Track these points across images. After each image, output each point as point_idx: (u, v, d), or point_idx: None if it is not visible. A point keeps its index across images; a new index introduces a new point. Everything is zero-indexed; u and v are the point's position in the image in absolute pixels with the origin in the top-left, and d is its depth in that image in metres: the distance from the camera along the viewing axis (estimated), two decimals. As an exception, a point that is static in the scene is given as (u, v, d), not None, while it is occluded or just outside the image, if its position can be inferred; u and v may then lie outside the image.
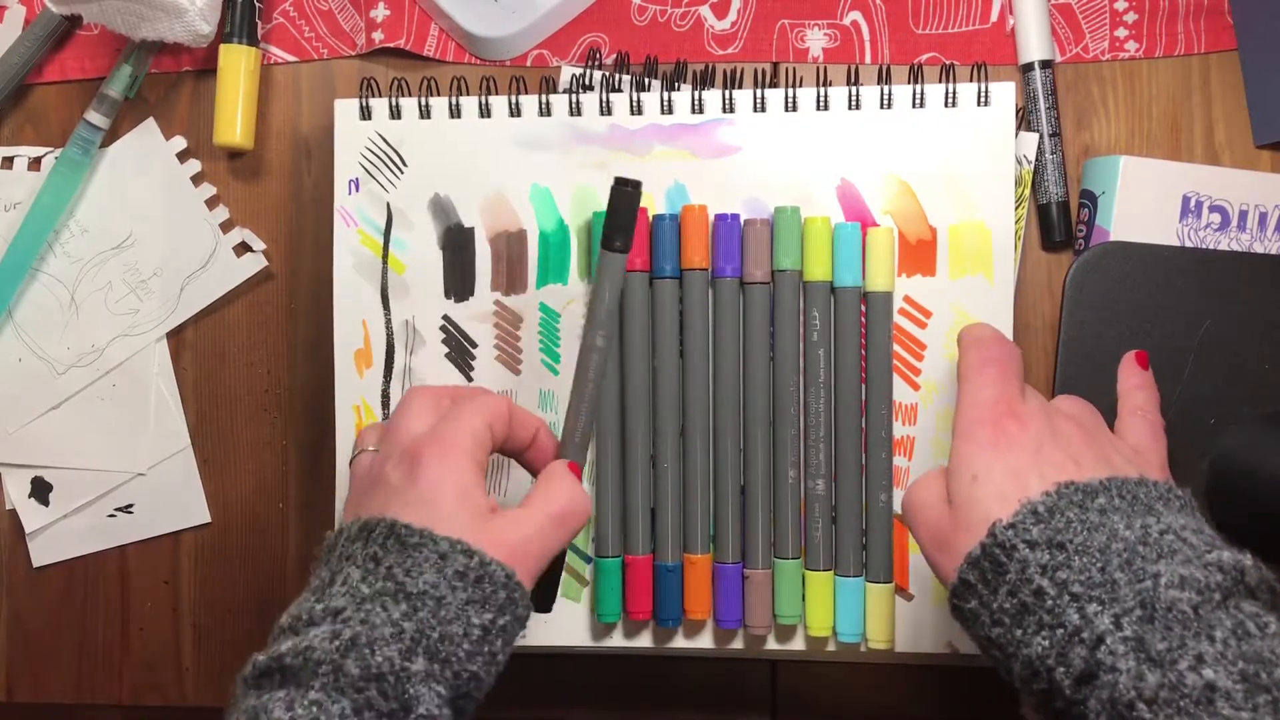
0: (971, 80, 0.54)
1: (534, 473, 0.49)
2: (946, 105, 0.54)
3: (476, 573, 0.41)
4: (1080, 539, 0.37)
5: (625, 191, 0.47)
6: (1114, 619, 0.35)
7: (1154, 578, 0.36)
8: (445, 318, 0.57)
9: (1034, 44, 0.57)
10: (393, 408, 0.57)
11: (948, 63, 0.55)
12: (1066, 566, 0.37)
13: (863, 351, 0.54)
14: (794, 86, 0.55)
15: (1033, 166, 0.56)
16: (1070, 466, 0.40)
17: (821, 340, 0.54)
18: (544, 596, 0.51)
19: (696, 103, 0.56)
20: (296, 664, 0.38)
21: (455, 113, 0.57)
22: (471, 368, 0.57)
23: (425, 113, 0.57)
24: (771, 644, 0.56)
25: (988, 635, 0.39)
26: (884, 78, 0.56)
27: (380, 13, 0.60)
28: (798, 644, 0.55)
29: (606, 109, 0.56)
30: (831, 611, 0.54)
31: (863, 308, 0.54)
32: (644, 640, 0.56)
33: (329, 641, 0.38)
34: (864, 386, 0.54)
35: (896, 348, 0.55)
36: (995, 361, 0.44)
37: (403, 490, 0.43)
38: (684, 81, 0.58)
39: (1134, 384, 0.49)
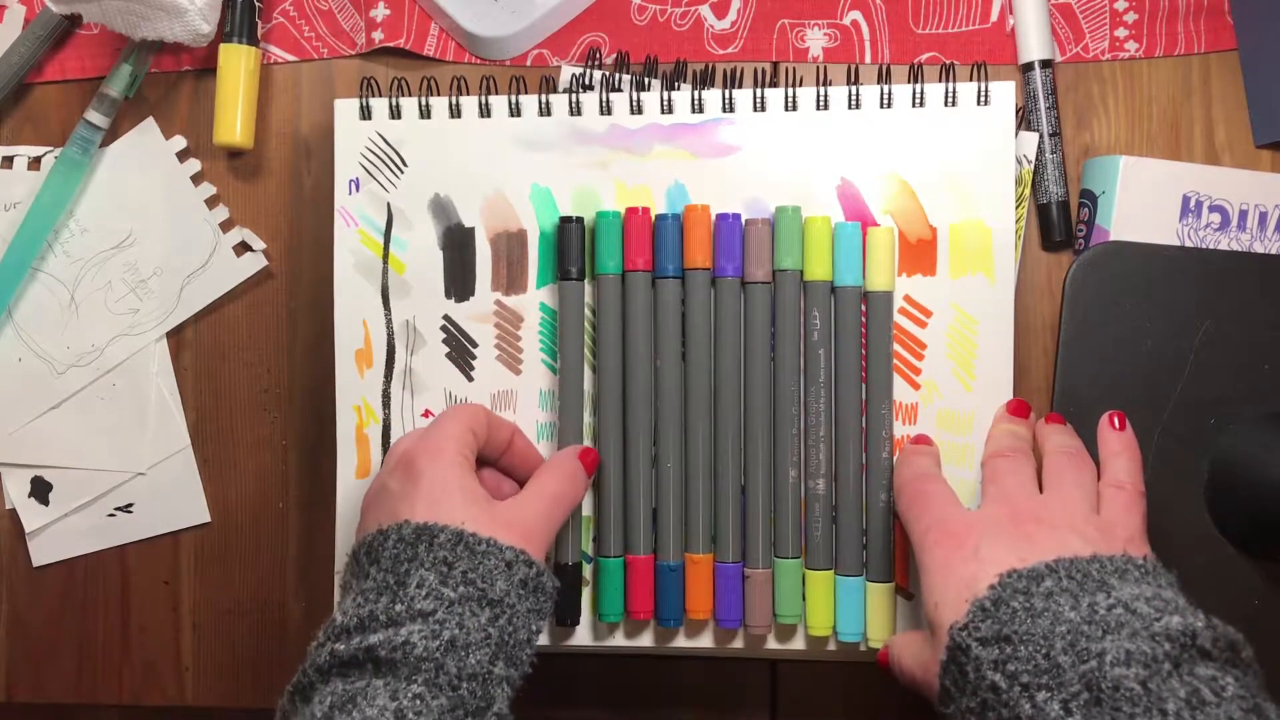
0: (971, 80, 0.54)
1: (513, 475, 0.53)
2: (946, 105, 0.54)
3: (535, 583, 0.45)
4: (1024, 627, 0.37)
5: (570, 227, 0.54)
6: (1062, 704, 0.35)
7: (1099, 657, 0.36)
8: (446, 318, 0.57)
9: (1034, 44, 0.57)
10: (394, 408, 0.57)
11: (948, 62, 0.55)
12: (1014, 658, 0.37)
13: (863, 351, 0.54)
14: (794, 86, 0.55)
15: (1033, 166, 0.56)
16: (1013, 558, 0.41)
17: (822, 340, 0.54)
18: (570, 609, 0.55)
19: (696, 102, 0.56)
20: (395, 657, 0.41)
21: (455, 113, 0.57)
22: (472, 368, 0.57)
23: (425, 113, 0.57)
24: (772, 644, 0.56)
25: None
26: (884, 77, 0.56)
27: (380, 12, 0.60)
28: (798, 644, 0.55)
29: (606, 109, 0.56)
30: (832, 611, 0.54)
31: (863, 307, 0.54)
32: (645, 640, 0.56)
33: (430, 640, 0.41)
34: (864, 386, 0.54)
35: (897, 347, 0.55)
36: (919, 495, 0.48)
37: (406, 494, 0.46)
38: (684, 81, 0.58)
39: (1112, 450, 0.49)
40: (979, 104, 0.54)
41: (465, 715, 0.41)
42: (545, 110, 0.56)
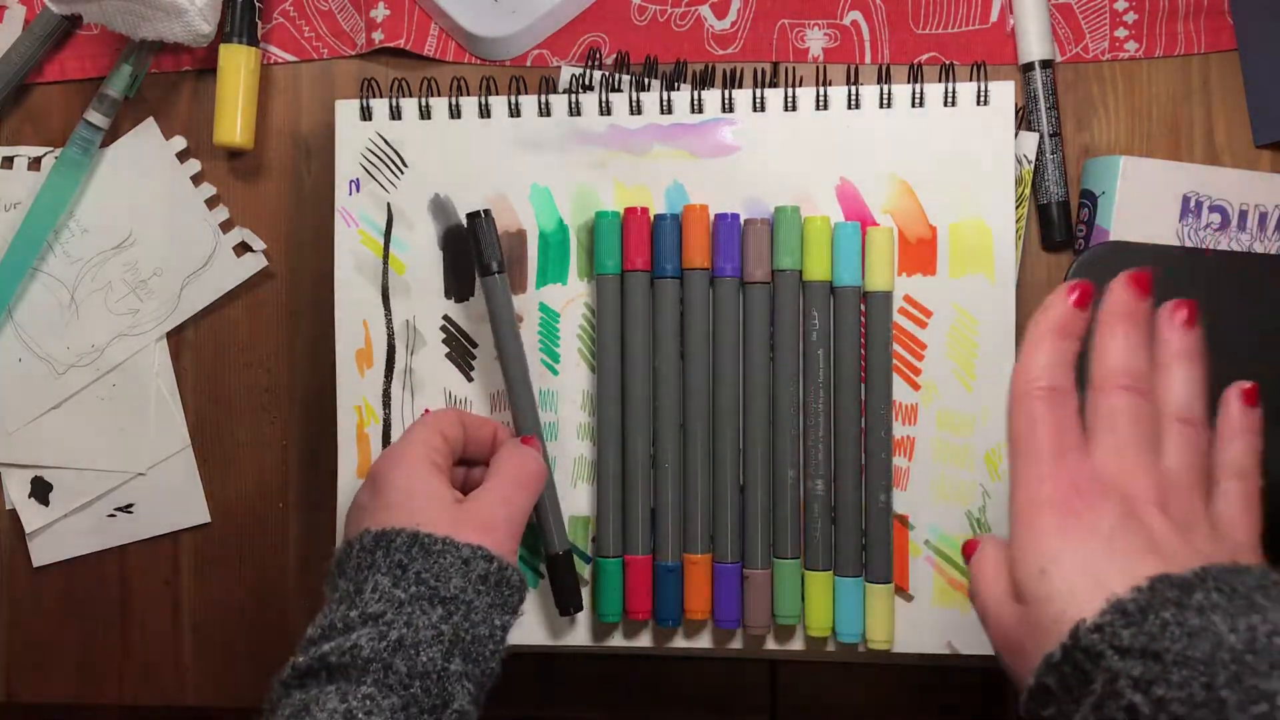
0: (971, 80, 0.54)
1: None
2: (946, 104, 0.54)
3: (496, 577, 0.45)
4: (1180, 646, 0.32)
5: (481, 220, 0.54)
6: None
7: (1270, 699, 0.30)
8: (445, 318, 0.57)
9: (1034, 44, 0.57)
10: (394, 408, 0.57)
11: (947, 62, 0.55)
12: (1164, 681, 0.31)
13: (862, 351, 0.54)
14: (793, 86, 0.55)
15: (1033, 166, 0.56)
16: (1150, 558, 0.35)
17: (821, 340, 0.54)
18: (570, 598, 0.54)
19: (696, 102, 0.56)
20: (345, 661, 0.41)
21: (455, 113, 0.57)
22: (472, 368, 0.57)
23: (425, 113, 0.57)
24: (771, 644, 0.56)
25: None
26: (884, 77, 0.56)
27: (380, 13, 0.60)
28: (797, 644, 0.55)
29: (606, 109, 0.56)
30: (831, 611, 0.54)
31: (862, 307, 0.54)
32: (644, 640, 0.56)
33: (377, 642, 0.42)
34: (864, 386, 0.54)
35: (896, 347, 0.55)
36: (1033, 419, 0.38)
37: (370, 505, 0.47)
38: (684, 81, 0.58)
39: (1235, 428, 0.40)
40: (979, 104, 0.54)
41: (420, 713, 0.41)
42: (545, 111, 0.56)
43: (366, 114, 0.57)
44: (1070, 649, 0.34)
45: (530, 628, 0.56)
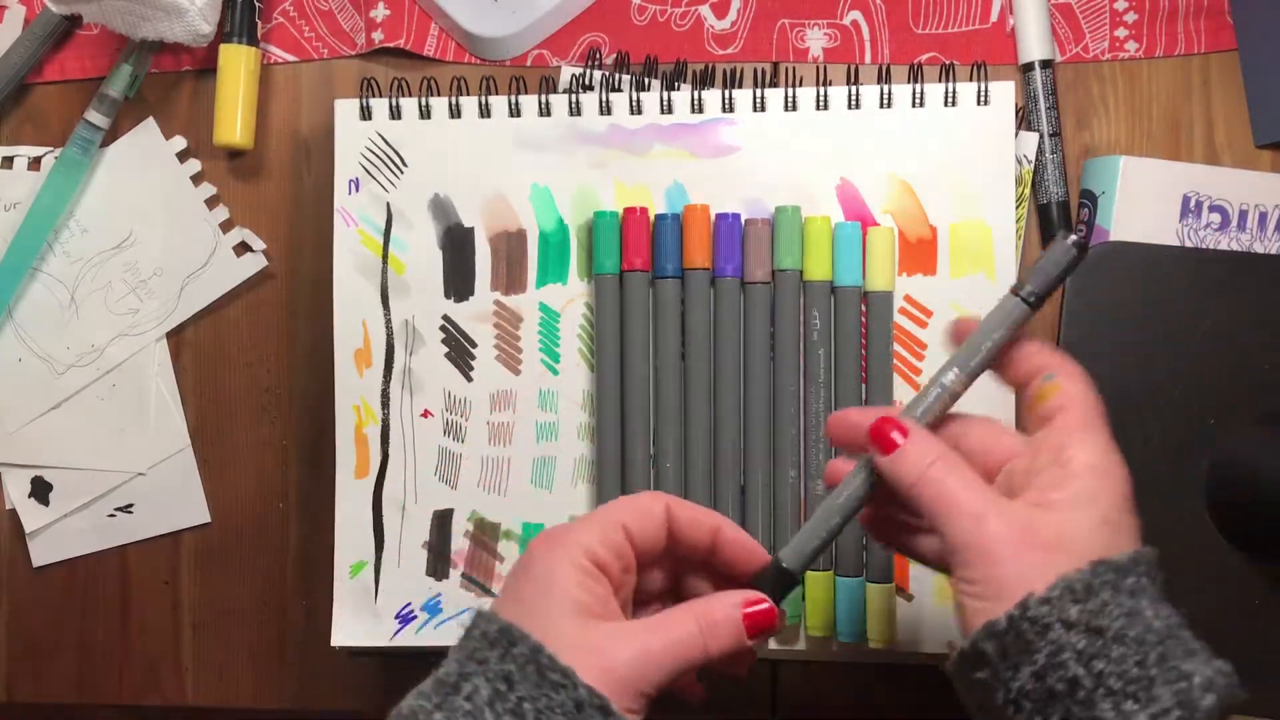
0: (971, 80, 0.54)
1: (729, 573, 0.42)
2: (946, 104, 0.54)
3: None
4: (1119, 625, 0.34)
5: (1074, 255, 0.41)
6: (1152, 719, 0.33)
7: (1188, 679, 0.34)
8: (445, 318, 0.57)
9: (1034, 44, 0.57)
10: (393, 408, 0.57)
11: (948, 62, 0.55)
12: (1104, 656, 0.34)
13: (863, 351, 0.54)
14: (794, 86, 0.55)
15: (1033, 166, 0.56)
16: (1109, 536, 0.37)
17: (822, 340, 0.54)
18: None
19: (696, 102, 0.56)
20: None
21: (455, 113, 0.57)
22: (471, 368, 0.57)
23: (425, 113, 0.57)
24: (772, 644, 0.56)
25: (996, 710, 0.36)
26: (884, 77, 0.56)
27: (380, 12, 0.60)
28: (798, 644, 0.55)
29: (606, 109, 0.56)
30: (832, 612, 0.54)
31: (863, 307, 0.54)
32: (644, 640, 0.56)
33: None
34: (864, 386, 0.54)
35: (897, 347, 0.55)
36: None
37: (509, 583, 0.41)
38: (684, 81, 0.58)
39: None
40: (979, 104, 0.54)
41: None
42: (545, 110, 0.56)
43: (366, 114, 0.57)
44: (1017, 619, 0.35)
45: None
